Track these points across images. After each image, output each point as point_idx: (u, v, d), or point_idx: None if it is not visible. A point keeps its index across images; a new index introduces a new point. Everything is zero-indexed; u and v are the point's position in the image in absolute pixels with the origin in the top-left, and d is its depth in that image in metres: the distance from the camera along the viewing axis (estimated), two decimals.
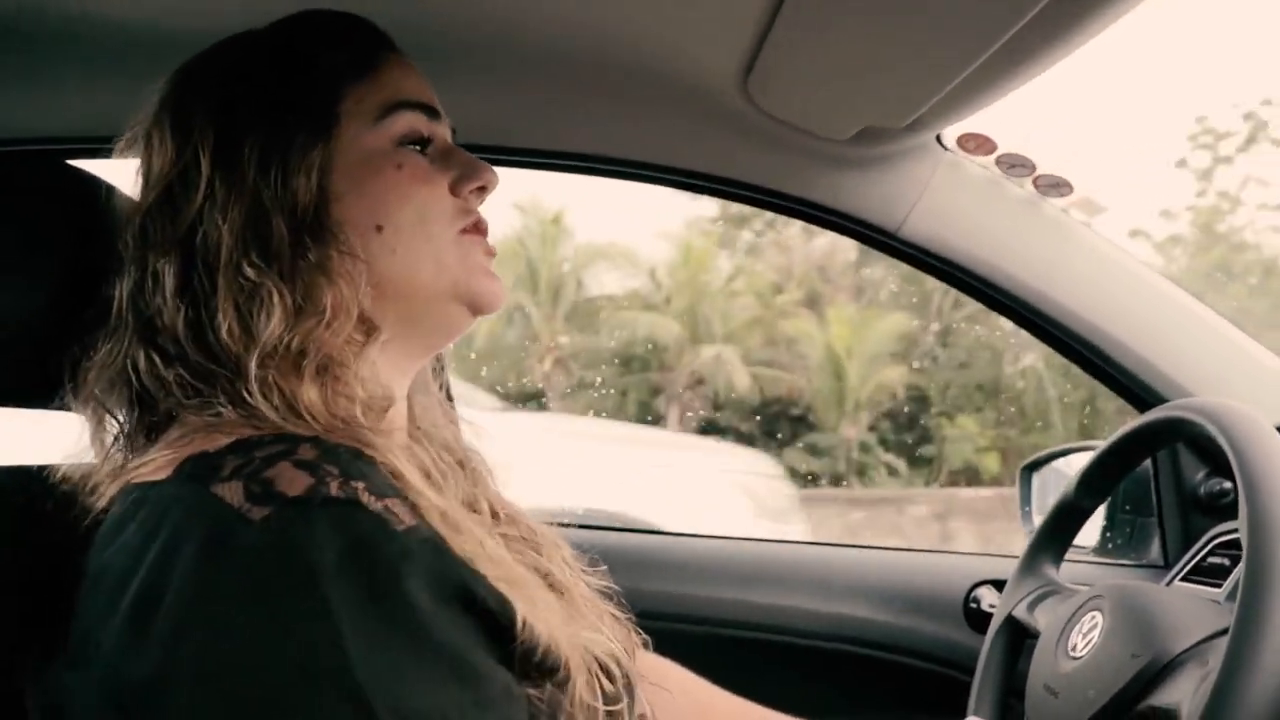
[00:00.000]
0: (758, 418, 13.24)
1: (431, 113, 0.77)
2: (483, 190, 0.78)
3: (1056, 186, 1.21)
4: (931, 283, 13.82)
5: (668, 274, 14.06)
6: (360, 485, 0.58)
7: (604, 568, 0.84)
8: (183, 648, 0.53)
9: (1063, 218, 1.22)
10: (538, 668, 0.62)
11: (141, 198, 0.72)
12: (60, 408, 0.81)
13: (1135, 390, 1.21)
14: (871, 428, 13.21)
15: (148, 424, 0.68)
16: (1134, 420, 0.94)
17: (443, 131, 0.79)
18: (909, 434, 13.20)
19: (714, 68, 1.07)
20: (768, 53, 0.99)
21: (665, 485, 4.74)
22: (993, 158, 1.19)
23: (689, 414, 13.50)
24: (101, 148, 1.13)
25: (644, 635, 0.85)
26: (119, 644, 0.56)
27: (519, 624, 0.60)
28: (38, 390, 0.82)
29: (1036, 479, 1.44)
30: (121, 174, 0.93)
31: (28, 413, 0.80)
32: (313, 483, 0.57)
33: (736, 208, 14.31)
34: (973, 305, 13.44)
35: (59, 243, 0.80)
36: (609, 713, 0.66)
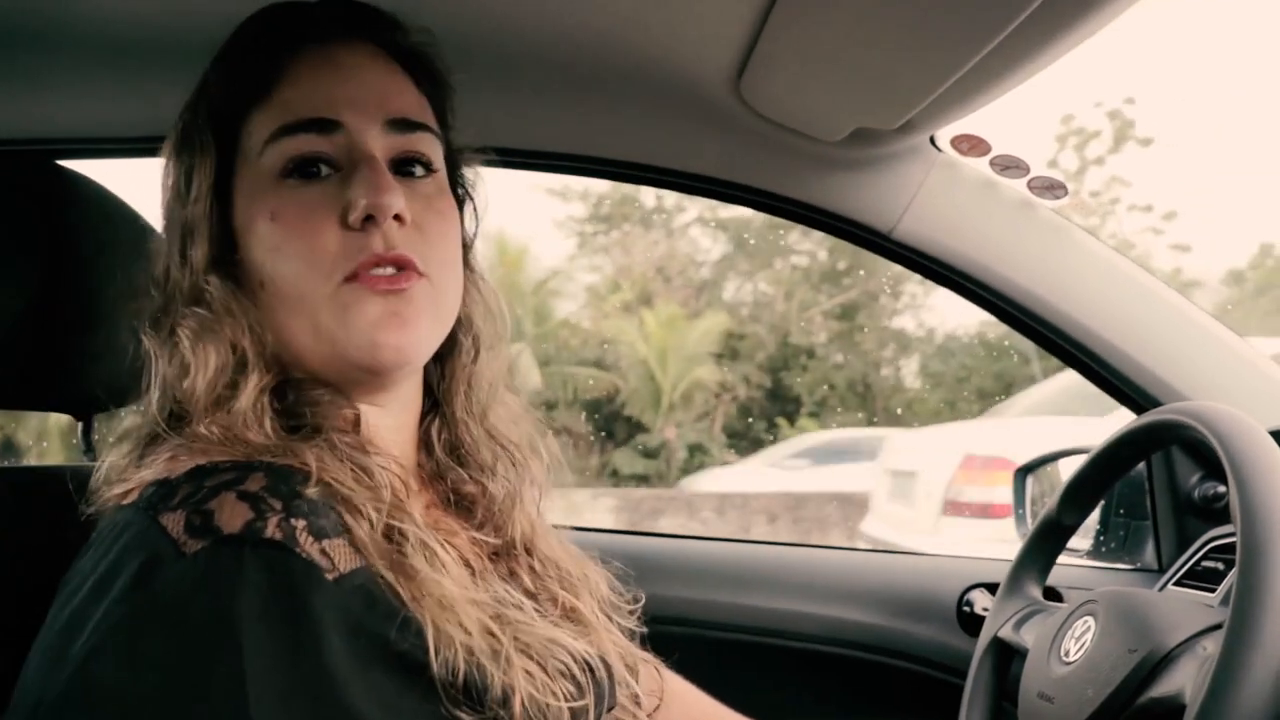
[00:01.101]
0: (594, 418, 13.23)
1: (324, 126, 0.66)
2: (371, 220, 0.65)
3: (1051, 188, 1.20)
4: (773, 283, 13.79)
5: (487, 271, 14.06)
6: (300, 525, 0.56)
7: (632, 573, 0.84)
8: (93, 671, 0.52)
9: (1057, 220, 1.21)
10: (466, 694, 0.59)
11: None
12: (48, 409, 0.80)
13: (1129, 393, 1.21)
14: (728, 429, 13.20)
15: (155, 434, 0.67)
16: (1127, 424, 0.93)
17: (349, 141, 0.67)
18: (755, 434, 13.19)
19: (707, 69, 1.06)
20: (760, 54, 0.99)
21: None
22: (987, 159, 1.19)
23: None
24: (90, 148, 1.13)
25: (653, 658, 0.84)
26: (43, 660, 0.55)
27: (433, 653, 0.57)
28: (26, 390, 0.82)
29: (1031, 481, 1.44)
30: (110, 174, 0.93)
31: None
32: (251, 518, 0.55)
33: (607, 208, 14.39)
34: (831, 303, 13.49)
35: (47, 242, 0.80)
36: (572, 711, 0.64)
